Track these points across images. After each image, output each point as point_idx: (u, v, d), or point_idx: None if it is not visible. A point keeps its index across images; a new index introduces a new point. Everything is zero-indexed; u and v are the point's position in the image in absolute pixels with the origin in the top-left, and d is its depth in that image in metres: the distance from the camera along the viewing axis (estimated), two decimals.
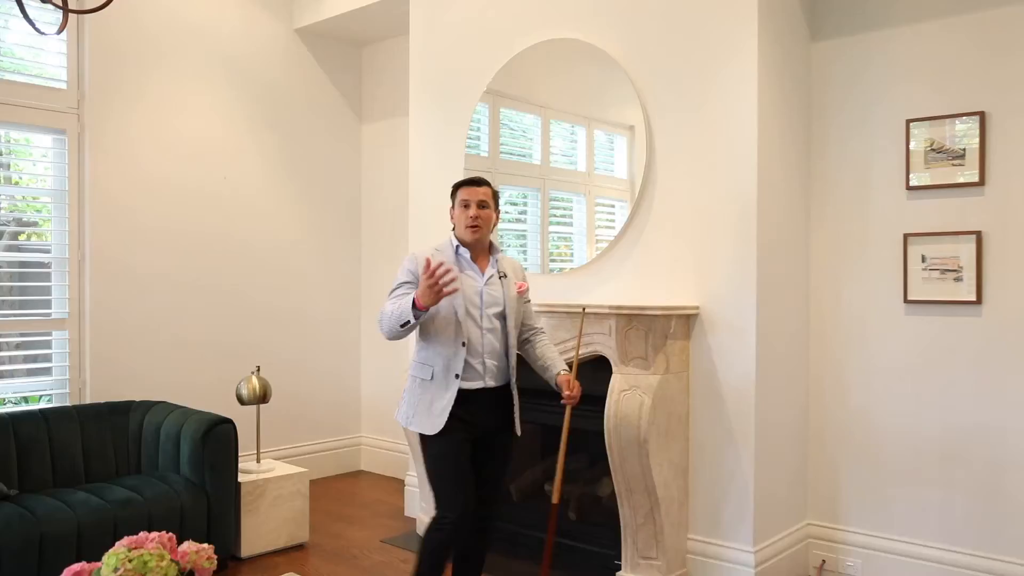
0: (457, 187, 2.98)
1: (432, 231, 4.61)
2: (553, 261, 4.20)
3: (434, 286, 2.61)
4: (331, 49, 5.68)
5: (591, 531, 3.91)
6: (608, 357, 3.55)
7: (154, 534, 1.93)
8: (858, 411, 3.69)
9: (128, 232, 4.67)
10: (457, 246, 2.94)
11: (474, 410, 2.86)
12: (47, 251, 4.47)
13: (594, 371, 3.61)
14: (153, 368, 4.76)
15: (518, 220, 4.40)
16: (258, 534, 4.05)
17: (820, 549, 3.79)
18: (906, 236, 3.54)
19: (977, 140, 3.38)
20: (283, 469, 4.24)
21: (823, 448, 3.81)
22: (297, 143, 5.50)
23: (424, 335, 2.90)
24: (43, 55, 4.45)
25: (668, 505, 3.49)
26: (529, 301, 3.11)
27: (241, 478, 4.04)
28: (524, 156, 4.40)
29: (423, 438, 2.88)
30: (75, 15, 4.20)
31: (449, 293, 2.68)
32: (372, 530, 4.49)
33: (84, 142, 4.50)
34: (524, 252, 4.31)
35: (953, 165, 3.45)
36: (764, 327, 3.48)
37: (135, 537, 1.88)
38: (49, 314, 4.46)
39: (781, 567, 3.63)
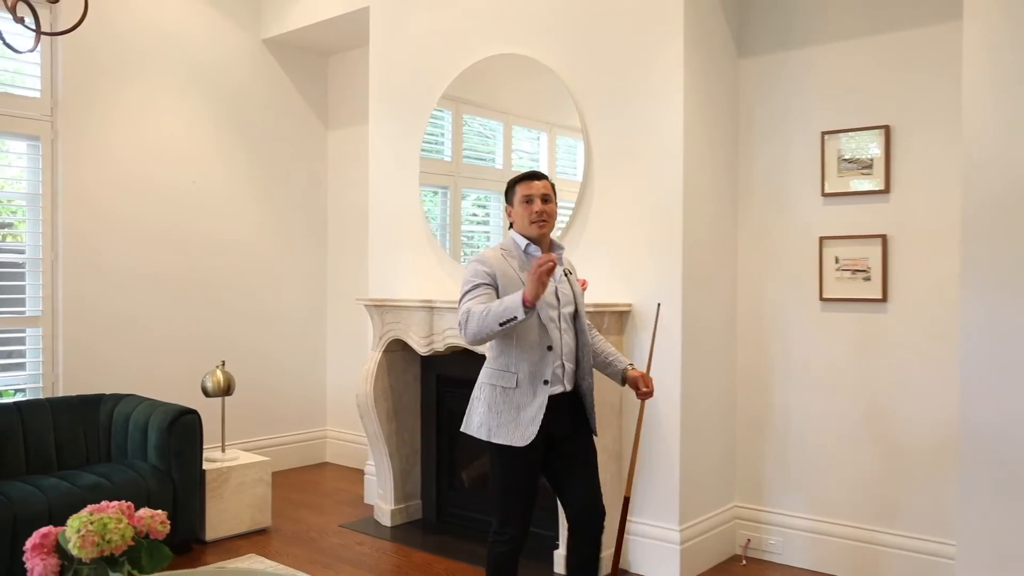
0: (514, 183, 2.86)
1: (390, 232, 4.87)
2: None
3: (545, 276, 2.48)
4: (297, 58, 5.93)
5: (536, 515, 4.17)
6: None
7: (115, 502, 2.17)
8: (780, 401, 4.00)
9: (100, 233, 4.90)
10: (527, 245, 2.80)
11: (553, 416, 2.72)
12: (21, 251, 4.69)
13: None
14: (123, 363, 4.99)
15: (482, 222, 4.66)
16: (222, 519, 4.29)
17: (746, 529, 4.09)
18: (821, 239, 3.85)
19: (883, 151, 3.69)
20: (247, 458, 4.48)
21: (750, 436, 4.10)
22: (264, 148, 5.74)
23: (504, 339, 2.74)
24: (17, 65, 4.67)
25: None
26: None
27: (206, 466, 4.28)
28: (486, 160, 4.64)
29: (500, 449, 2.71)
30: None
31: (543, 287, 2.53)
32: (332, 516, 4.74)
33: (57, 147, 4.73)
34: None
35: (862, 174, 3.76)
36: (689, 323, 3.77)
37: (97, 505, 2.13)
38: (23, 312, 4.68)
39: (709, 545, 3.92)
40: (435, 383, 4.62)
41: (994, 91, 2.99)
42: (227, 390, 4.44)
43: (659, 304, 3.47)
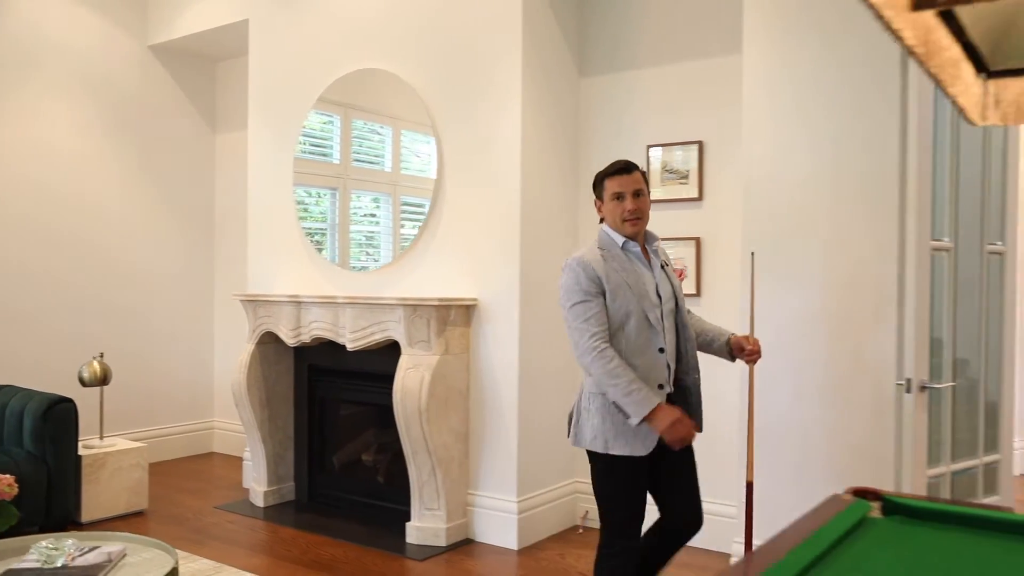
0: (603, 177, 2.72)
1: (267, 231, 5.17)
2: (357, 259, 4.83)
3: (680, 441, 2.51)
4: (185, 64, 6.17)
5: (392, 491, 4.56)
6: (399, 341, 4.21)
7: None
8: None
9: None
10: (624, 241, 2.67)
11: None
12: None
13: (389, 353, 4.26)
14: (5, 355, 5.17)
15: (371, 217, 5.00)
16: (98, 502, 4.54)
17: (584, 502, 4.53)
18: None
19: (697, 164, 4.18)
20: (124, 445, 4.73)
21: None
22: (152, 151, 5.97)
23: (614, 344, 2.58)
24: None
25: (448, 464, 4.16)
26: None
27: (83, 452, 4.52)
28: (376, 164, 4.90)
29: (616, 460, 2.58)
30: None
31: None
32: (209, 499, 5.02)
33: None
34: (377, 251, 4.88)
35: (680, 183, 4.24)
36: (527, 318, 4.19)
37: None
38: None
39: (549, 516, 4.34)
40: (307, 373, 4.94)
41: (770, 117, 3.48)
42: (103, 380, 4.68)
43: (752, 253, 3.32)
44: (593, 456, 2.65)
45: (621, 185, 2.66)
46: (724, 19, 4.07)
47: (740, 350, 2.83)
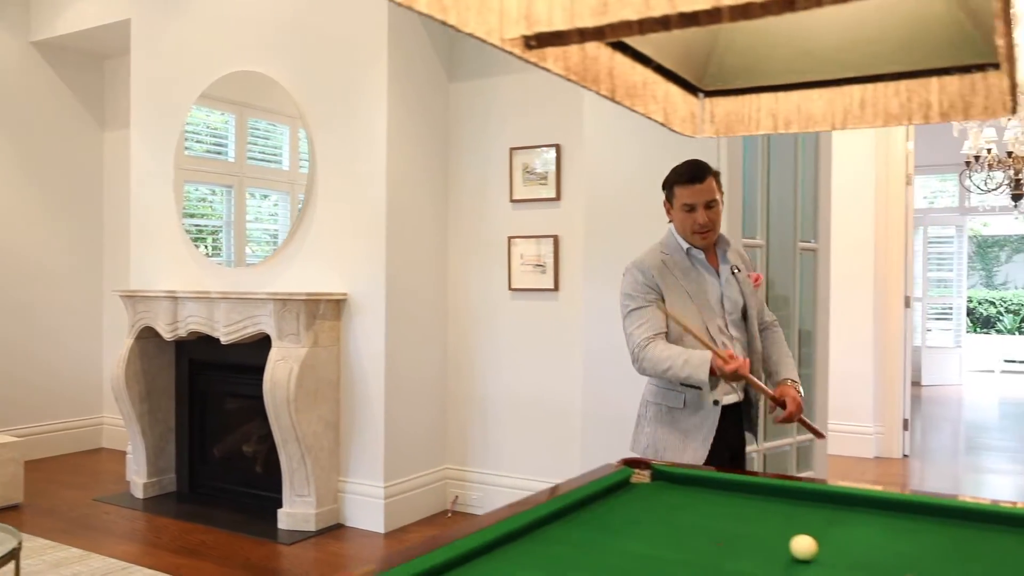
0: (672, 183, 2.54)
1: (150, 228, 5.25)
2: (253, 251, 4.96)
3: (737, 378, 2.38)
4: (71, 61, 6.19)
5: (268, 480, 4.70)
6: (269, 334, 4.36)
7: None
8: (480, 376, 4.69)
9: None
10: (689, 247, 2.57)
11: (727, 426, 2.55)
12: None
13: (265, 347, 4.41)
14: None
15: (270, 214, 5.12)
16: None
17: (454, 487, 4.76)
18: (510, 238, 4.56)
19: (555, 166, 4.44)
20: None
21: (458, 406, 4.78)
22: (37, 148, 5.97)
23: None
24: None
25: (317, 452, 4.34)
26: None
27: None
28: (271, 162, 5.00)
29: None
30: None
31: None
32: (89, 492, 5.09)
33: None
34: (260, 247, 4.97)
35: (540, 184, 4.50)
36: (394, 312, 4.39)
37: None
38: None
39: (419, 500, 4.56)
40: (187, 367, 5.05)
41: (604, 121, 3.76)
42: None
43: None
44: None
45: (692, 196, 2.48)
46: None
47: (774, 407, 2.57)
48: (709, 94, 1.95)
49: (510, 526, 1.78)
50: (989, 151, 7.53)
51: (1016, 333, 14.72)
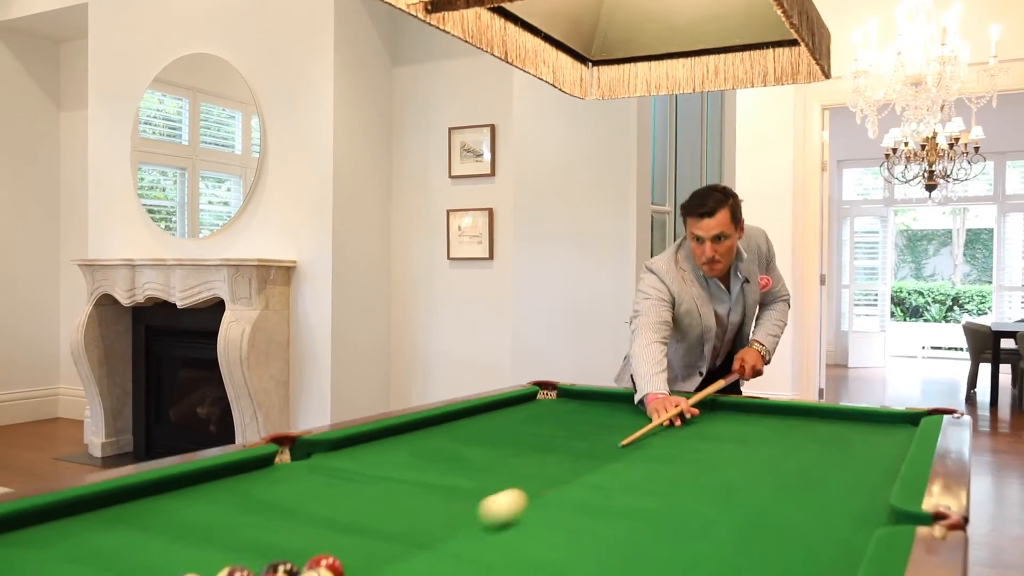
0: (685, 213, 2.54)
1: (107, 204, 5.51)
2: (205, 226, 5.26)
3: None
4: (27, 44, 6.40)
5: (221, 440, 5.01)
6: (223, 298, 4.67)
7: None
8: (421, 337, 5.05)
9: None
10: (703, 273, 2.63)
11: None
12: None
13: (219, 312, 4.72)
14: None
15: (224, 203, 5.41)
16: None
17: None
18: (449, 211, 4.93)
19: (490, 144, 4.82)
20: None
21: (401, 366, 5.14)
22: None
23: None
24: None
25: (268, 408, 4.66)
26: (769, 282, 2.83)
27: None
28: (224, 146, 5.29)
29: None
30: None
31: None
32: (48, 452, 5.34)
33: None
34: (228, 216, 5.28)
35: (476, 161, 4.87)
36: (340, 278, 4.74)
37: None
38: None
39: None
40: (144, 332, 5.33)
41: (534, 102, 4.16)
42: None
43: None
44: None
45: (700, 230, 2.48)
46: None
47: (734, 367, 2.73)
48: (596, 63, 2.35)
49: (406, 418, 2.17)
50: (907, 144, 8.12)
51: (942, 321, 15.52)
